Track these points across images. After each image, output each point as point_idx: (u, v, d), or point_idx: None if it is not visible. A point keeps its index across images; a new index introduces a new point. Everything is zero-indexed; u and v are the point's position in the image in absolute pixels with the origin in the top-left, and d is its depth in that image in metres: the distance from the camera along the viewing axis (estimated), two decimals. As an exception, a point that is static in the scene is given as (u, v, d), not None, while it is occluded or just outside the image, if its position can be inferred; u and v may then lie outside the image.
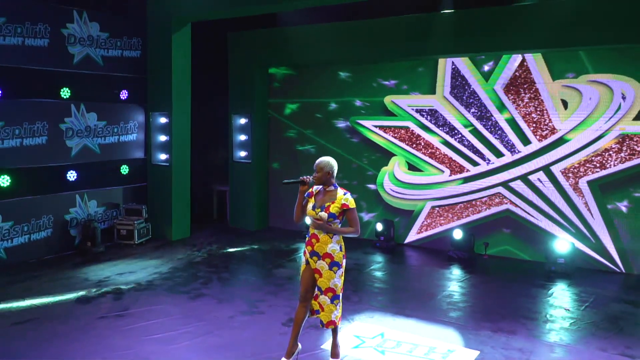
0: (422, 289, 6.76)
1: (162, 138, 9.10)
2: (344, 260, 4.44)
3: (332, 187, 4.42)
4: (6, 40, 7.21)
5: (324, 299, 4.40)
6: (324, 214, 4.29)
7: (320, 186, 4.46)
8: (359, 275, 7.22)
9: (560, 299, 6.38)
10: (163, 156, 9.10)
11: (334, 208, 4.32)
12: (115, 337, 5.19)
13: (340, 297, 4.47)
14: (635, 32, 6.73)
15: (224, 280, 7.05)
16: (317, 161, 4.43)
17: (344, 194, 4.36)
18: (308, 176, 4.46)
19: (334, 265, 4.35)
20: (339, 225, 4.41)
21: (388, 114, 8.76)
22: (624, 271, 7.30)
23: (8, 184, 7.33)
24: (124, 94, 8.76)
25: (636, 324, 5.61)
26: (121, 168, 8.86)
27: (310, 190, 4.50)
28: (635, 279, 7.07)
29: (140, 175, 9.16)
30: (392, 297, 6.47)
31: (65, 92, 7.91)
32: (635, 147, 7.09)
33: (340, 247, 4.39)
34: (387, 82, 8.71)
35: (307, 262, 4.45)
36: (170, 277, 7.09)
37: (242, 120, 9.87)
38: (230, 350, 4.90)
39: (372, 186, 8.97)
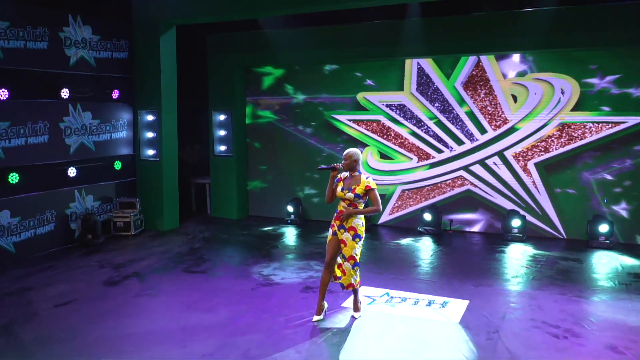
0: (405, 259, 7.86)
1: (150, 135, 9.62)
2: (365, 234, 5.39)
3: (357, 173, 5.33)
4: (10, 44, 7.54)
5: (347, 265, 5.34)
6: (350, 195, 5.20)
7: (347, 172, 5.36)
8: (349, 251, 8.21)
9: (520, 261, 7.69)
10: (151, 152, 9.63)
11: (359, 190, 5.24)
12: (158, 310, 5.88)
13: (359, 264, 5.43)
14: (571, 38, 8.11)
15: (230, 261, 7.82)
16: (346, 151, 5.32)
17: (367, 178, 5.28)
18: (338, 163, 5.34)
19: (356, 236, 5.28)
20: (363, 205, 5.33)
21: (361, 109, 9.78)
22: (565, 237, 8.76)
23: (16, 181, 7.68)
24: (115, 94, 9.22)
25: (582, 276, 6.98)
26: (114, 164, 9.32)
27: (339, 175, 5.39)
28: (575, 243, 8.53)
29: (130, 170, 9.65)
30: (382, 266, 7.48)
31: (64, 93, 8.30)
32: (573, 133, 8.54)
33: (362, 223, 5.32)
34: (359, 81, 9.72)
35: (334, 234, 5.35)
36: (180, 261, 7.76)
37: (222, 117, 10.55)
38: (264, 313, 5.72)
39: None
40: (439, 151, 9.37)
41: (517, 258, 7.83)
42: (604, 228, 8.18)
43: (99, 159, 9.06)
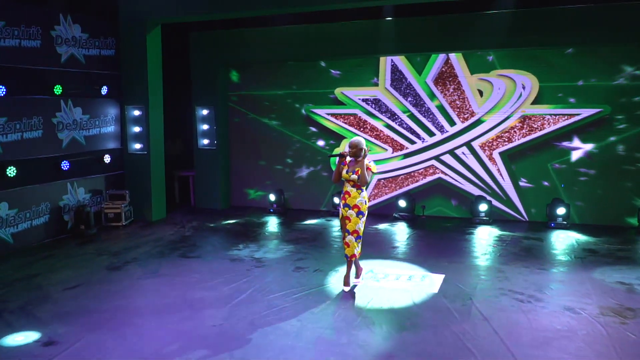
0: (383, 242, 8.53)
1: (136, 129, 10.00)
2: (367, 211, 6.16)
3: (360, 158, 6.06)
4: (6, 42, 7.83)
5: (351, 238, 6.10)
6: (354, 177, 5.99)
7: (352, 158, 6.10)
8: (328, 237, 8.84)
9: (487, 241, 8.47)
10: (137, 145, 10.02)
11: (360, 171, 6.02)
12: (165, 289, 6.37)
13: (362, 238, 6.18)
14: (530, 38, 8.91)
15: (221, 246, 8.33)
16: (352, 141, 6.08)
17: (369, 162, 6.10)
18: (346, 151, 6.09)
19: (359, 214, 6.05)
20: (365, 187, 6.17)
21: (339, 103, 10.41)
22: (527, 219, 9.62)
23: (14, 174, 7.99)
24: (104, 90, 9.57)
25: (543, 252, 7.80)
26: (104, 157, 9.67)
27: (345, 160, 6.12)
28: (536, 224, 9.38)
29: (118, 163, 10.02)
30: (364, 248, 7.88)
31: (57, 89, 8.63)
32: (533, 125, 9.37)
33: (365, 201, 6.10)
34: (337, 76, 10.34)
35: (342, 213, 6.16)
36: (175, 247, 8.23)
37: (205, 112, 11.00)
38: (262, 290, 6.28)
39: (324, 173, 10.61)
40: (412, 142, 10.08)
41: (484, 238, 8.61)
42: (561, 210, 9.04)
43: (89, 152, 9.41)
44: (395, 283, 6.49)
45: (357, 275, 6.40)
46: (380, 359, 4.64)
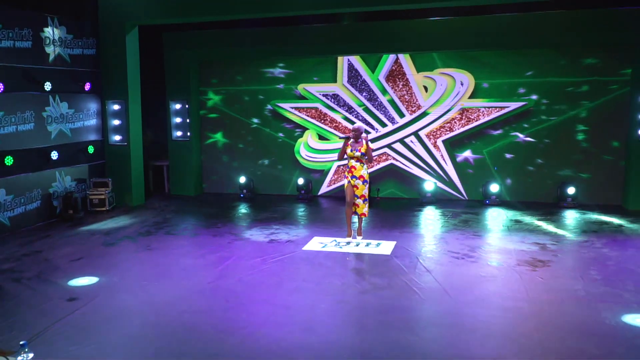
0: (343, 219, 9.76)
1: (116, 122, 10.89)
2: (369, 178, 7.85)
3: (361, 139, 7.64)
4: (2, 44, 8.63)
5: (359, 201, 7.80)
6: (358, 153, 7.61)
7: (354, 140, 7.68)
8: (296, 216, 10.06)
9: (432, 216, 9.88)
10: (117, 137, 10.91)
11: (362, 149, 7.68)
12: (159, 260, 7.41)
13: (367, 200, 7.86)
14: (468, 41, 10.36)
15: (202, 225, 9.40)
16: (353, 127, 7.82)
17: (366, 142, 7.64)
18: (349, 134, 7.70)
19: (365, 182, 7.80)
20: (365, 159, 7.79)
21: (301, 98, 11.60)
22: (467, 198, 11.12)
23: (11, 163, 8.80)
24: (87, 86, 10.42)
25: (478, 224, 9.27)
26: (88, 148, 10.54)
27: (348, 142, 7.68)
28: (474, 202, 10.88)
29: (100, 154, 10.89)
30: (328, 224, 9.35)
31: (47, 86, 9.45)
32: (470, 116, 10.85)
33: (367, 172, 7.79)
34: (299, 74, 11.52)
35: (349, 182, 7.77)
36: (160, 227, 9.24)
37: (178, 106, 11.97)
38: (244, 257, 7.43)
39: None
40: (367, 132, 11.38)
41: (430, 215, 10.02)
42: (494, 188, 10.58)
43: (75, 144, 10.25)
44: (355, 248, 7.77)
45: (359, 234, 8.10)
46: (346, 297, 5.89)
